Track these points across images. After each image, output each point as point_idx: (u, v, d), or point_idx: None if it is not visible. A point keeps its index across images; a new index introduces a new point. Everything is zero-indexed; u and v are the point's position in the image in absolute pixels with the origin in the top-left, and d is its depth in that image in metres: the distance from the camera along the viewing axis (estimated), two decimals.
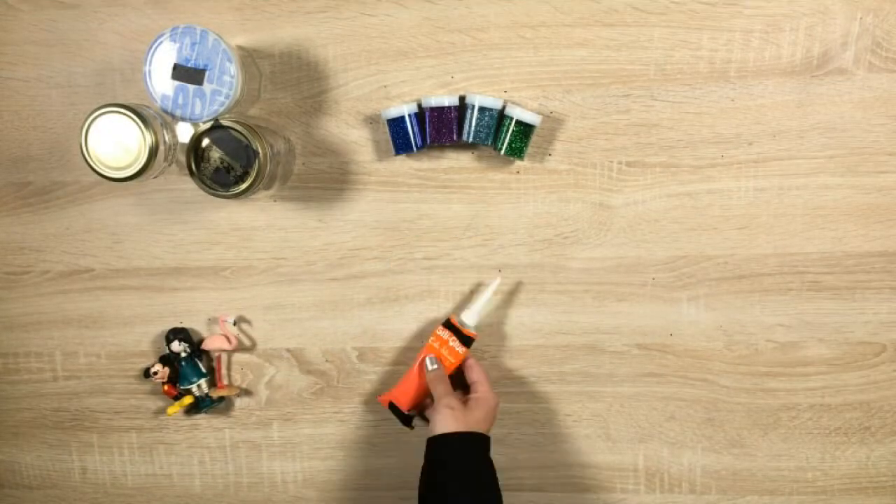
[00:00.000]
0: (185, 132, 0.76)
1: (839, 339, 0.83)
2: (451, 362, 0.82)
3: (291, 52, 0.82)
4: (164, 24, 0.81)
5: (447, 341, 0.82)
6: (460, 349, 0.82)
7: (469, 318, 0.82)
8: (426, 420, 0.82)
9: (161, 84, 0.73)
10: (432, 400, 0.80)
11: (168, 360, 0.87)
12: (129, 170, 0.71)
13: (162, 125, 0.73)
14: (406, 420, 0.84)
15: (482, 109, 0.78)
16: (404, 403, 0.83)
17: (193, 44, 0.73)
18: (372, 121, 0.83)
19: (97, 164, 0.72)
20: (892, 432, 0.85)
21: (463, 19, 0.80)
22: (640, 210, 0.82)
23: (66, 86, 0.84)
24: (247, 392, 0.90)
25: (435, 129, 0.79)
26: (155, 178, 0.76)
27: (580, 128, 0.81)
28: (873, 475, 0.86)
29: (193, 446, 0.91)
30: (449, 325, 0.83)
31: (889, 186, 0.80)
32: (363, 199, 0.84)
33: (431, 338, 0.83)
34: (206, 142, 0.77)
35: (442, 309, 0.86)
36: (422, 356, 0.83)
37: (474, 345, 0.85)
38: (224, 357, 0.89)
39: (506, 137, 0.78)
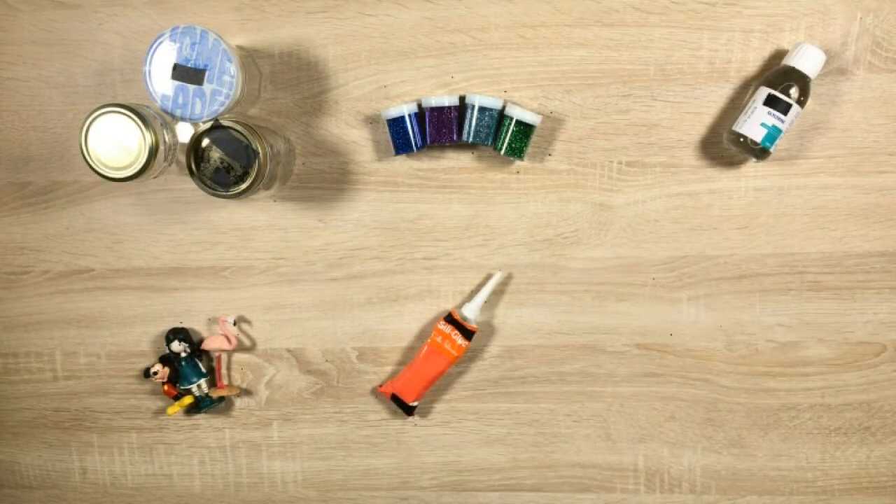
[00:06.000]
0: (185, 132, 0.76)
1: (839, 339, 0.83)
2: (454, 356, 0.83)
3: (291, 52, 0.82)
4: (164, 24, 0.81)
5: (449, 335, 0.82)
6: (462, 342, 0.82)
7: (470, 312, 0.83)
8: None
9: (161, 84, 0.73)
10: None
11: (168, 360, 0.87)
12: (129, 170, 0.71)
13: (162, 125, 0.73)
14: (408, 410, 0.85)
15: (482, 109, 0.78)
16: (408, 395, 0.84)
17: (193, 44, 0.73)
18: (372, 121, 0.83)
19: (97, 164, 0.72)
20: (892, 432, 0.85)
21: (463, 19, 0.80)
22: (640, 210, 0.82)
23: (66, 86, 0.84)
24: (247, 392, 0.90)
25: (435, 129, 0.79)
26: (155, 178, 0.76)
27: (580, 128, 0.81)
28: (873, 475, 0.86)
29: (193, 446, 0.91)
30: (450, 319, 0.83)
31: (889, 186, 0.80)
32: (363, 199, 0.84)
33: (433, 332, 0.83)
34: (206, 142, 0.77)
35: (442, 309, 0.86)
36: (424, 349, 0.83)
37: (475, 340, 0.85)
38: (224, 357, 0.89)
39: (506, 137, 0.78)
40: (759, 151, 0.76)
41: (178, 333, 0.87)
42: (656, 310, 0.84)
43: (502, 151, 0.79)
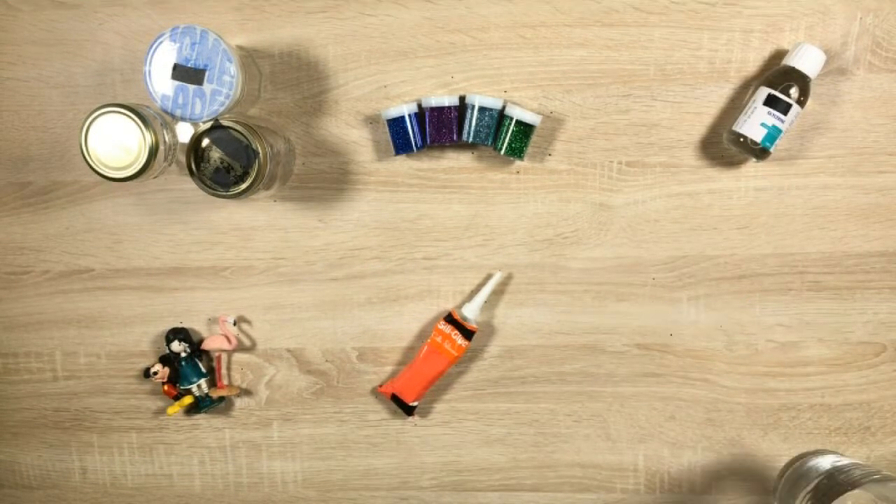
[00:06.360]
0: (185, 132, 0.76)
1: (839, 339, 0.83)
2: (454, 356, 0.83)
3: (291, 52, 0.82)
4: (164, 24, 0.81)
5: (449, 335, 0.82)
6: (462, 343, 0.82)
7: (470, 312, 0.83)
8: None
9: (161, 84, 0.73)
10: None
11: (168, 360, 0.87)
12: (129, 170, 0.71)
13: (162, 125, 0.73)
14: (408, 410, 0.85)
15: (482, 109, 0.78)
16: (408, 395, 0.84)
17: (193, 44, 0.73)
18: (372, 121, 0.83)
19: (97, 164, 0.72)
20: (892, 432, 0.85)
21: (463, 19, 0.80)
22: (640, 210, 0.82)
23: (66, 86, 0.84)
24: (247, 392, 0.90)
25: (435, 129, 0.79)
26: (155, 178, 0.76)
27: (580, 128, 0.81)
28: None
29: (193, 446, 0.91)
30: (450, 319, 0.83)
31: (889, 186, 0.80)
32: (363, 199, 0.84)
33: (433, 332, 0.83)
34: (206, 142, 0.77)
35: (442, 309, 0.86)
36: (424, 349, 0.83)
37: (475, 340, 0.85)
38: (224, 357, 0.89)
39: (506, 137, 0.78)
40: (759, 151, 0.76)
41: (178, 333, 0.87)
42: (656, 310, 0.84)
43: (502, 151, 0.79)
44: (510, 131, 0.78)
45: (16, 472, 0.94)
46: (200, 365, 0.88)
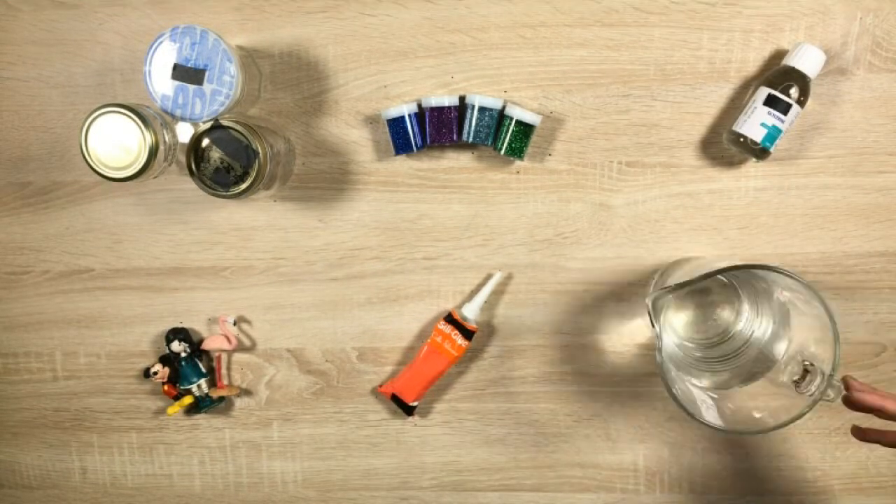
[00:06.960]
0: (185, 132, 0.76)
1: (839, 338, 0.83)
2: (454, 356, 0.83)
3: (291, 52, 0.82)
4: (165, 24, 0.81)
5: (449, 335, 0.82)
6: (462, 342, 0.82)
7: (470, 312, 0.83)
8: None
9: (161, 84, 0.73)
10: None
11: (168, 360, 0.87)
12: (129, 170, 0.71)
13: (162, 125, 0.73)
14: (408, 410, 0.85)
15: (482, 109, 0.78)
16: (408, 395, 0.84)
17: (193, 44, 0.73)
18: (372, 121, 0.83)
19: (97, 164, 0.72)
20: None
21: (463, 19, 0.80)
22: (640, 210, 0.82)
23: (66, 86, 0.84)
24: (247, 392, 0.90)
25: (435, 129, 0.79)
26: (155, 178, 0.76)
27: (580, 128, 0.81)
28: (873, 475, 0.86)
29: (193, 446, 0.91)
30: (450, 319, 0.83)
31: (889, 186, 0.80)
32: (363, 199, 0.84)
33: (433, 332, 0.83)
34: (206, 142, 0.77)
35: (442, 309, 0.86)
36: (424, 349, 0.83)
37: (475, 340, 0.85)
38: (224, 357, 0.89)
39: (506, 137, 0.78)
40: (759, 151, 0.76)
41: (178, 333, 0.87)
42: None
43: (502, 151, 0.79)
44: (510, 131, 0.78)
45: (16, 472, 0.94)
46: (200, 365, 0.88)
